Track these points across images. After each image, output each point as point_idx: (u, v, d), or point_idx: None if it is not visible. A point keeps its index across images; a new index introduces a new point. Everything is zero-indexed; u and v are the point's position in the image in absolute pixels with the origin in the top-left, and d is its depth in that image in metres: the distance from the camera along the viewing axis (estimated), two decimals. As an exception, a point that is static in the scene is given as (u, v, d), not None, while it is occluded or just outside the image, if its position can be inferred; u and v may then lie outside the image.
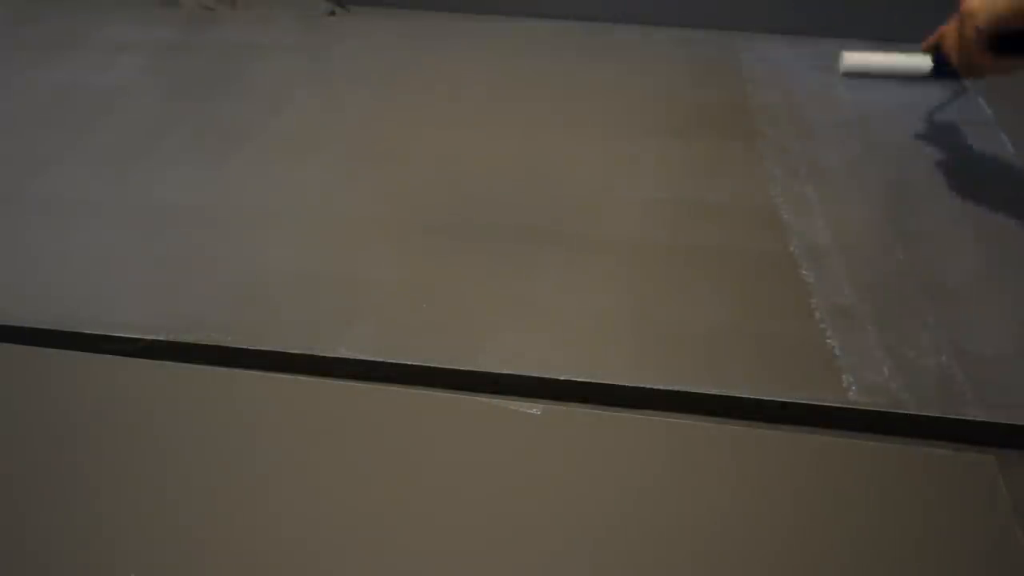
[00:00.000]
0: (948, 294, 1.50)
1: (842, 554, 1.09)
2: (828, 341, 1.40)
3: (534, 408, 1.28)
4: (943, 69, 1.90)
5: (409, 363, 1.35)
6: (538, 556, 1.09)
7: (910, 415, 1.28)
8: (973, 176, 1.82)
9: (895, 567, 1.08)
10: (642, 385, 1.32)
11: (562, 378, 1.33)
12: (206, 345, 1.38)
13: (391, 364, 1.36)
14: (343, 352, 1.37)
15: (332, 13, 2.46)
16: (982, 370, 1.35)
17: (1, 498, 1.14)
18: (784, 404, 1.30)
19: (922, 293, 1.51)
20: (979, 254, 1.60)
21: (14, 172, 1.81)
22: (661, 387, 1.32)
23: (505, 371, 1.34)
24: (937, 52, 1.83)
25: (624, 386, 1.33)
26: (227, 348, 1.38)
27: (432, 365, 1.35)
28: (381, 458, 1.21)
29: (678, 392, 1.31)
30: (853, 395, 1.31)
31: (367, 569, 1.07)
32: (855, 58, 2.06)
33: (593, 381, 1.33)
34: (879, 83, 2.11)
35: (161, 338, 1.39)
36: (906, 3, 2.21)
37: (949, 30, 1.66)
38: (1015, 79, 1.61)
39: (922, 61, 1.98)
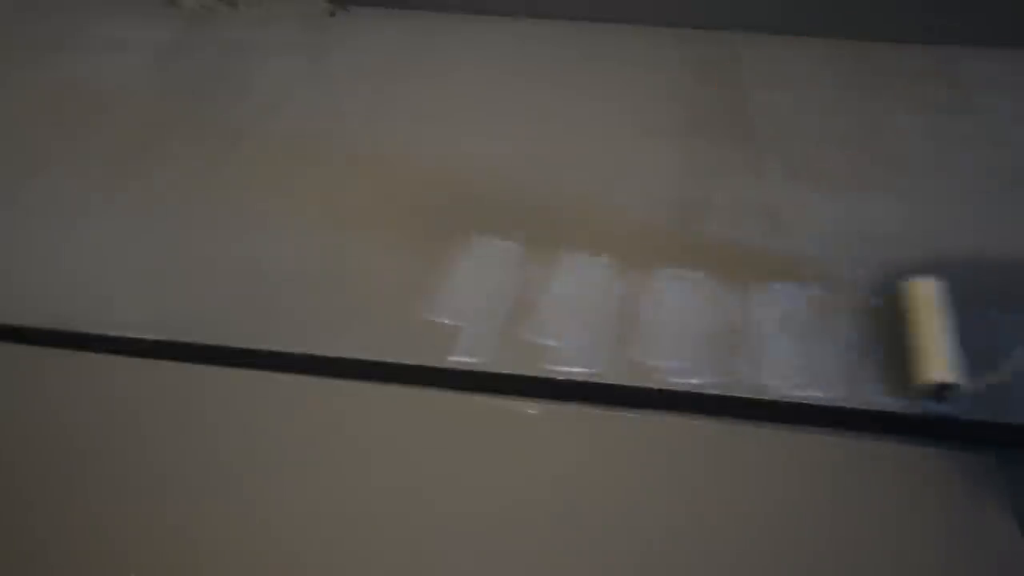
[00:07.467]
0: (949, 294, 1.50)
1: (842, 552, 1.09)
2: (828, 341, 1.40)
3: (533, 408, 1.28)
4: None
5: (409, 363, 1.36)
6: (538, 553, 1.09)
7: (910, 415, 1.28)
8: (971, 177, 1.82)
9: (895, 565, 1.08)
10: (642, 385, 1.33)
11: (562, 378, 1.33)
12: (206, 345, 1.38)
13: (391, 364, 1.36)
14: (343, 352, 1.37)
15: (332, 13, 2.46)
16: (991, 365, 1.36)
17: (1, 497, 1.15)
18: (784, 404, 1.30)
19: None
20: (980, 255, 1.60)
21: (14, 172, 1.81)
22: (661, 387, 1.32)
23: (505, 371, 1.34)
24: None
25: (624, 386, 1.33)
26: (227, 348, 1.38)
27: (432, 365, 1.35)
28: (381, 457, 1.21)
29: (678, 392, 1.32)
30: (857, 393, 1.31)
31: (367, 566, 1.07)
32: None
33: (593, 381, 1.33)
34: (878, 85, 2.11)
35: (161, 338, 1.39)
36: (903, 3, 2.21)
37: None
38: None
39: None
